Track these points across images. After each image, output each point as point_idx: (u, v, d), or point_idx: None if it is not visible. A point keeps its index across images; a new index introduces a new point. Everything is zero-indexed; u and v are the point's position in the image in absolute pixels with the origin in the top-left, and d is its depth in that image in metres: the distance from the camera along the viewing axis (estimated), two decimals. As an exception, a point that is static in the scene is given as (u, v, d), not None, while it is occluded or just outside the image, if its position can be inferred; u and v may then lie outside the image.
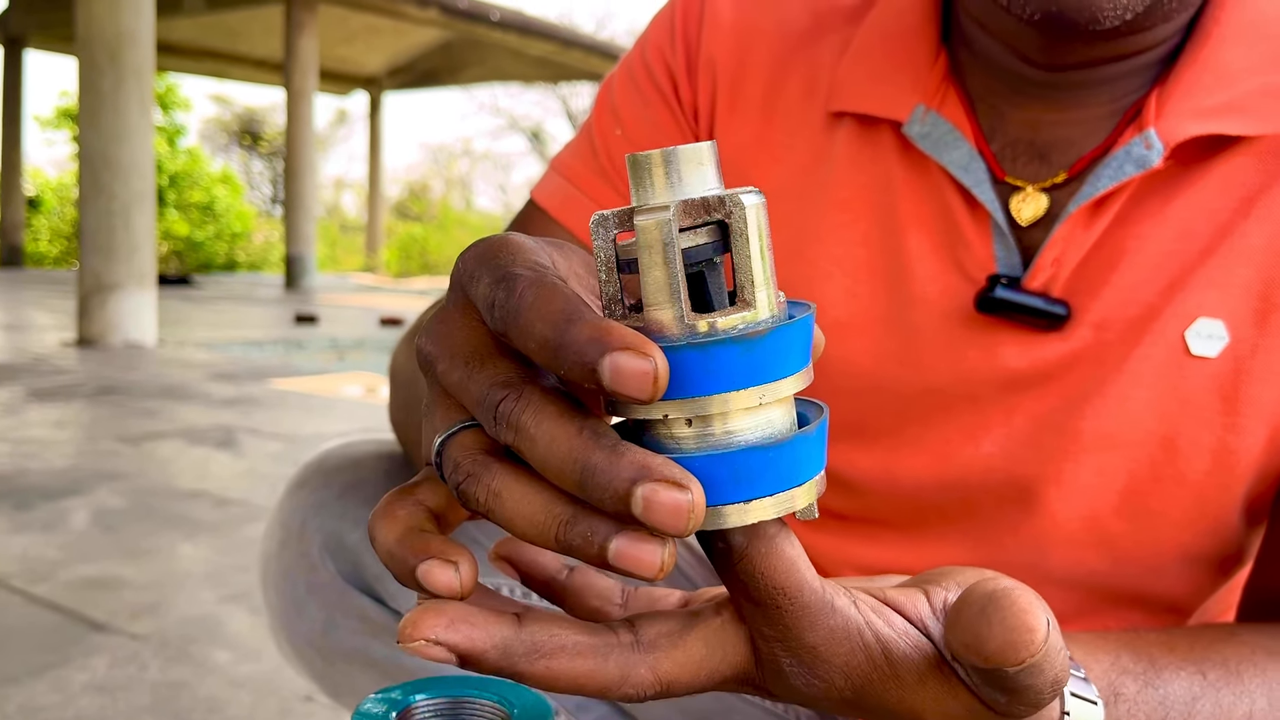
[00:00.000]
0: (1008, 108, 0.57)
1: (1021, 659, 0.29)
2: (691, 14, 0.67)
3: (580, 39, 14.99)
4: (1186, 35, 0.55)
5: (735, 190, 0.28)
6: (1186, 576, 0.61)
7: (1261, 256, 0.53)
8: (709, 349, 0.28)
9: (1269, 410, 0.54)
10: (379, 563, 0.66)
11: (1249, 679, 0.47)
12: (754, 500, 0.29)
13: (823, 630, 0.31)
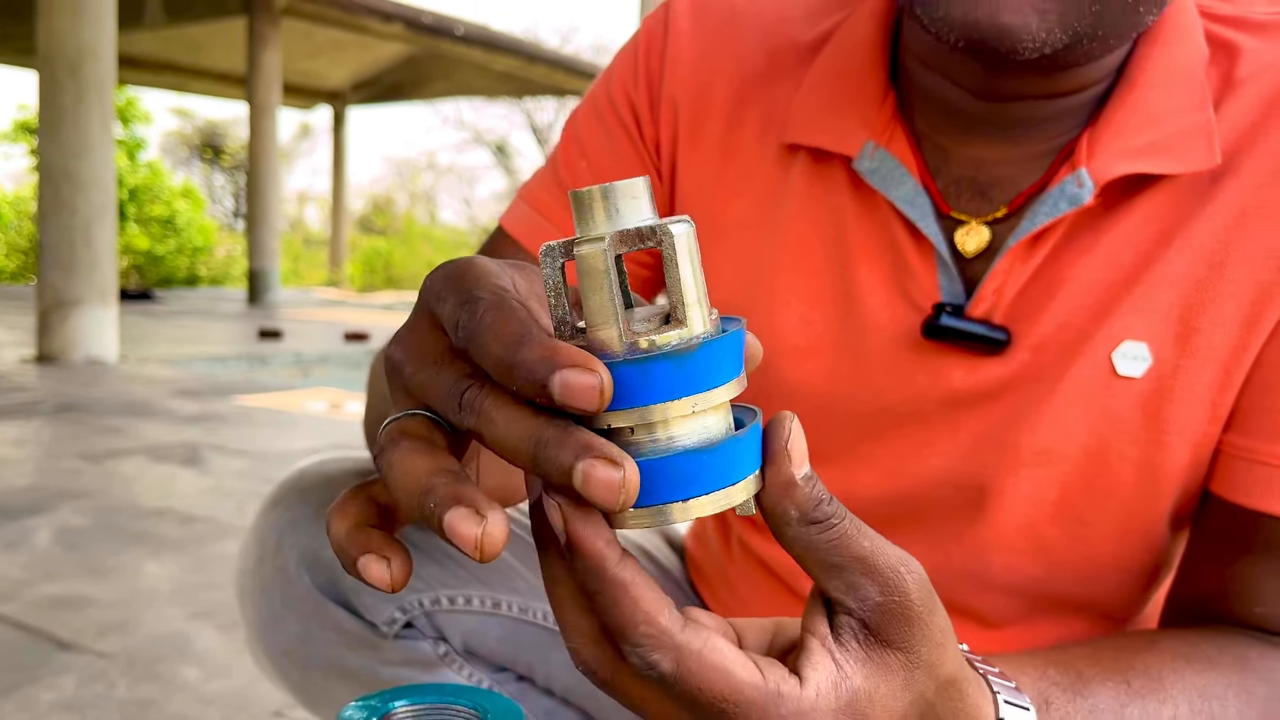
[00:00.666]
0: (952, 146, 0.61)
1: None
2: (654, 53, 0.70)
3: (545, 54, 15.04)
4: (1116, 79, 0.59)
5: (666, 220, 0.31)
6: (1119, 583, 0.65)
7: (1182, 284, 0.57)
8: (646, 364, 0.31)
9: (1190, 427, 0.58)
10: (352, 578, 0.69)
11: (1170, 685, 0.51)
12: (694, 498, 0.33)
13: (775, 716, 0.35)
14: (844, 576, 0.36)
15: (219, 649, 1.68)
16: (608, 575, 0.33)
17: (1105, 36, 0.53)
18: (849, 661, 0.36)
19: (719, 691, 0.35)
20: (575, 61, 15.89)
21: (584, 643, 0.36)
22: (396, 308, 13.54)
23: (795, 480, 0.34)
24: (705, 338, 0.32)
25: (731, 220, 0.66)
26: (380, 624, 0.69)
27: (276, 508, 0.72)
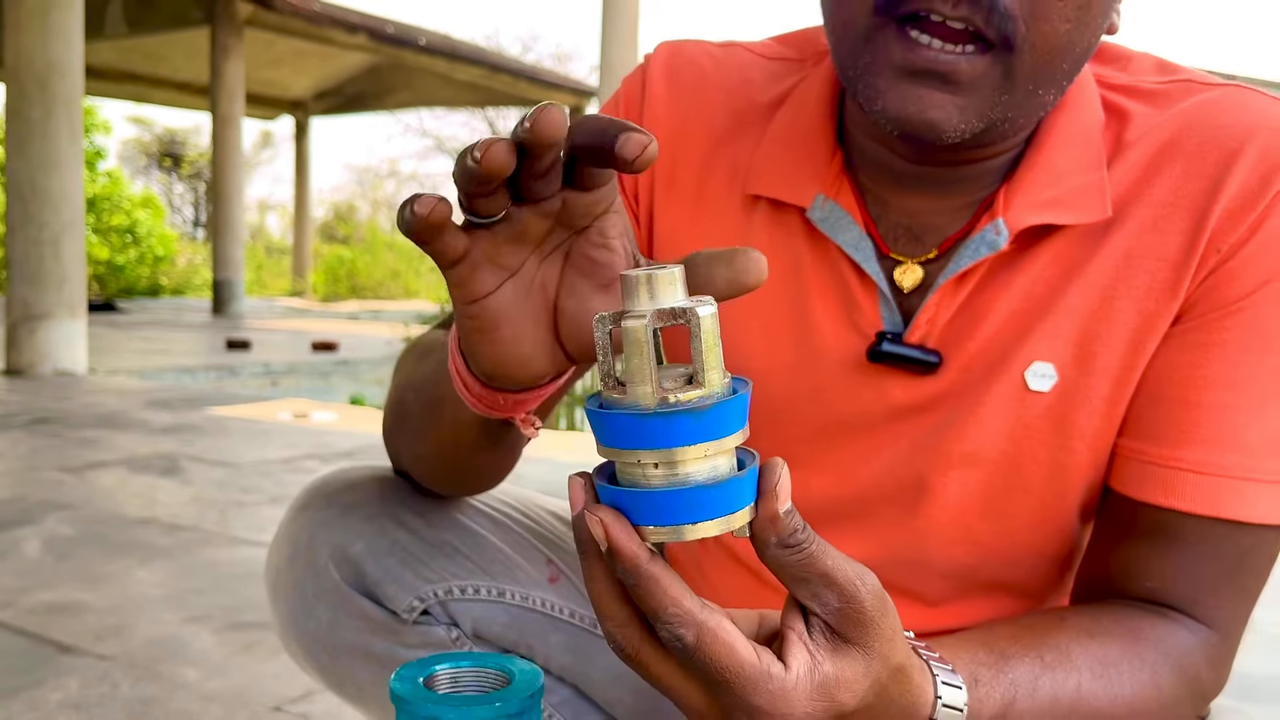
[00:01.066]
0: (890, 198, 0.72)
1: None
2: (633, 112, 0.80)
3: (508, 64, 15.12)
4: (1026, 143, 0.70)
5: (695, 302, 0.41)
6: (1037, 567, 0.76)
7: (1080, 315, 0.69)
8: (671, 416, 0.41)
9: (1090, 433, 0.70)
10: (378, 570, 0.79)
11: (1076, 657, 0.62)
12: (701, 522, 0.43)
13: (763, 694, 0.45)
14: (810, 588, 0.46)
15: (215, 650, 1.76)
16: (642, 570, 0.43)
17: (1014, 120, 0.64)
18: (819, 653, 0.47)
19: (726, 663, 0.45)
20: (538, 71, 15.99)
21: (619, 626, 0.46)
22: (361, 317, 13.55)
23: (779, 515, 0.44)
24: (718, 399, 0.41)
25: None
26: (401, 612, 0.79)
27: (306, 511, 0.82)
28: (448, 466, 0.73)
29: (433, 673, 0.56)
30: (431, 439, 0.69)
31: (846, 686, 0.47)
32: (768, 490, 0.44)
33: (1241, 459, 0.65)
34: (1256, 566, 0.68)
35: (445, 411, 0.64)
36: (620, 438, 0.43)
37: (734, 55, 0.81)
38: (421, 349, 0.74)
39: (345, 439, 3.95)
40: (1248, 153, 0.66)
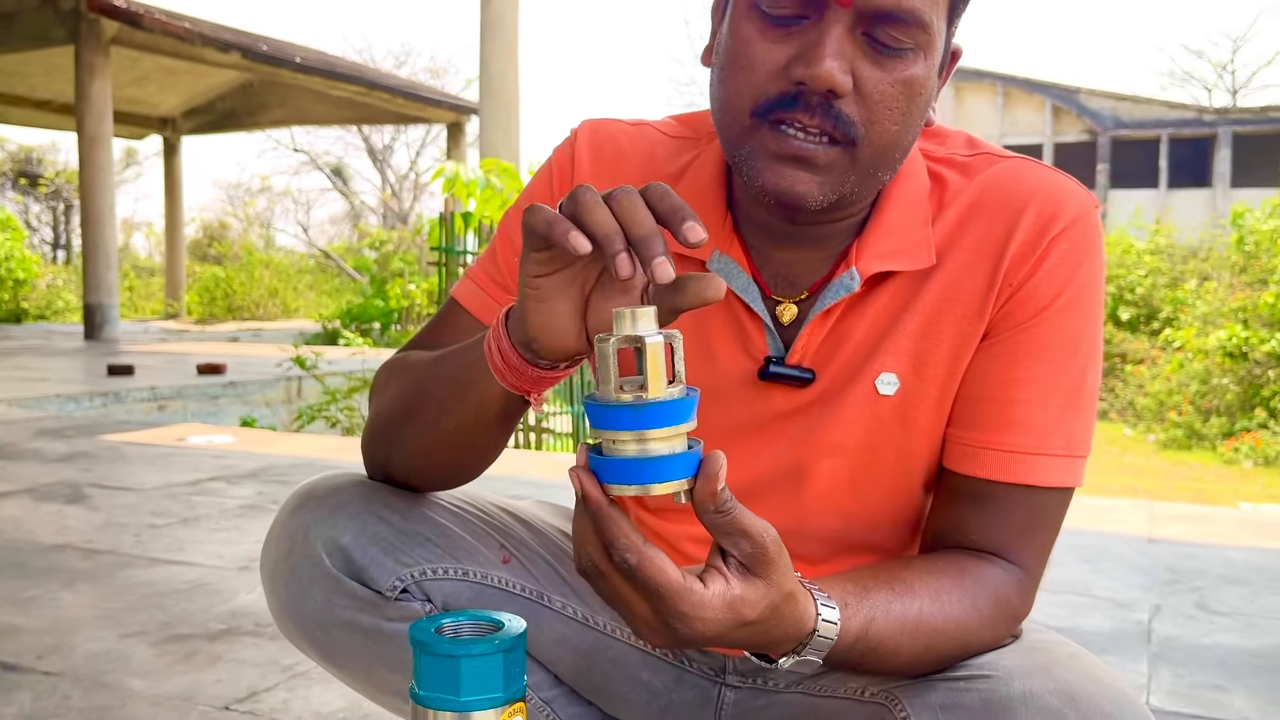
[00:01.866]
0: (769, 252, 0.92)
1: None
2: (564, 176, 0.99)
3: (385, 81, 15.05)
4: (871, 208, 0.92)
5: (647, 333, 0.61)
6: (893, 532, 0.98)
7: (915, 336, 0.90)
8: (621, 407, 0.62)
9: (925, 426, 0.91)
10: (364, 557, 0.95)
11: (918, 588, 0.83)
12: (656, 483, 0.63)
13: (686, 603, 0.65)
14: (731, 539, 0.66)
15: (157, 661, 1.87)
16: (603, 511, 0.63)
17: (860, 193, 0.85)
18: (732, 579, 0.67)
19: (659, 580, 0.65)
20: (417, 87, 15.95)
21: (589, 552, 0.66)
22: (242, 337, 13.31)
23: (717, 490, 0.64)
24: (651, 400, 0.62)
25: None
26: (385, 591, 0.96)
27: (300, 511, 0.98)
28: (455, 450, 0.90)
29: (440, 624, 0.74)
30: (451, 420, 0.86)
31: (749, 604, 0.68)
32: (710, 473, 0.64)
33: (1033, 440, 0.88)
34: (1050, 519, 0.91)
35: (471, 394, 0.83)
36: (592, 420, 0.65)
37: (644, 133, 1.01)
38: (428, 358, 0.91)
39: (247, 460, 4.01)
40: (1028, 212, 0.88)
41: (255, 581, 2.39)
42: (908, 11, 0.78)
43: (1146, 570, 2.61)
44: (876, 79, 0.80)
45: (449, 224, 5.93)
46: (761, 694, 1.04)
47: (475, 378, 0.82)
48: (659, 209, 0.67)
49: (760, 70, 0.82)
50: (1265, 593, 2.44)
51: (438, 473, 0.96)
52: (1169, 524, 3.13)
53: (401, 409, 0.93)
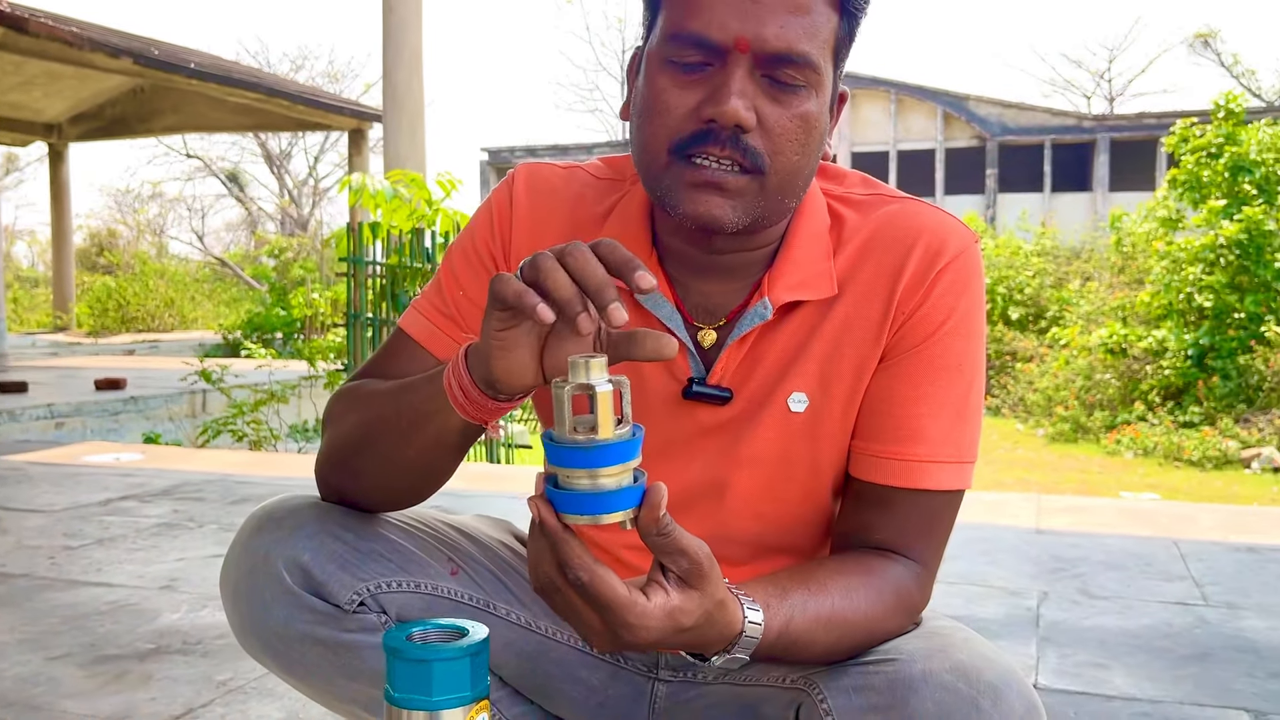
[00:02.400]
0: (691, 283, 1.03)
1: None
2: (503, 216, 1.08)
3: (285, 88, 14.80)
4: (780, 242, 1.03)
5: (599, 381, 0.70)
6: (806, 534, 1.08)
7: (821, 359, 1.01)
8: (575, 448, 0.71)
9: (832, 439, 1.02)
10: (322, 574, 1.02)
11: (830, 586, 0.94)
12: (606, 514, 0.72)
13: (632, 614, 0.75)
14: (671, 556, 0.76)
15: (88, 683, 1.89)
16: (560, 535, 0.72)
17: (770, 217, 0.96)
18: (671, 591, 0.77)
19: (608, 595, 0.74)
20: (318, 94, 15.72)
21: (546, 571, 0.75)
22: (139, 350, 12.95)
23: (658, 516, 0.74)
24: (610, 440, 0.71)
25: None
26: (343, 605, 1.03)
27: (260, 533, 1.04)
28: (414, 475, 0.98)
29: (410, 632, 0.82)
30: (413, 448, 0.94)
31: (687, 613, 0.78)
32: (653, 503, 0.74)
33: (928, 449, 1.00)
34: (944, 519, 1.03)
35: (431, 425, 0.91)
36: (549, 457, 0.74)
37: (575, 175, 1.10)
38: (396, 385, 0.98)
39: (158, 478, 3.97)
40: (917, 248, 1.00)
41: (180, 600, 2.41)
42: (799, 54, 0.89)
43: (1035, 560, 2.80)
44: (777, 114, 0.91)
45: (357, 234, 5.91)
46: (691, 686, 1.14)
47: (434, 410, 0.90)
48: (610, 260, 0.76)
49: (675, 113, 0.92)
50: (1140, 577, 2.64)
51: (395, 495, 1.04)
52: (1055, 516, 3.34)
53: (360, 437, 1.01)
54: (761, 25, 0.89)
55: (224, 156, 32.97)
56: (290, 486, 3.91)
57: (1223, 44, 36.15)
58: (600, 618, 0.77)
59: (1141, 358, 10.29)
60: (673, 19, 0.92)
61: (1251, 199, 10.24)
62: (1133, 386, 10.26)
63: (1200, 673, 1.97)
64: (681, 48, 0.91)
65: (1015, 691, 0.86)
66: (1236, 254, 9.91)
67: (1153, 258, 11.02)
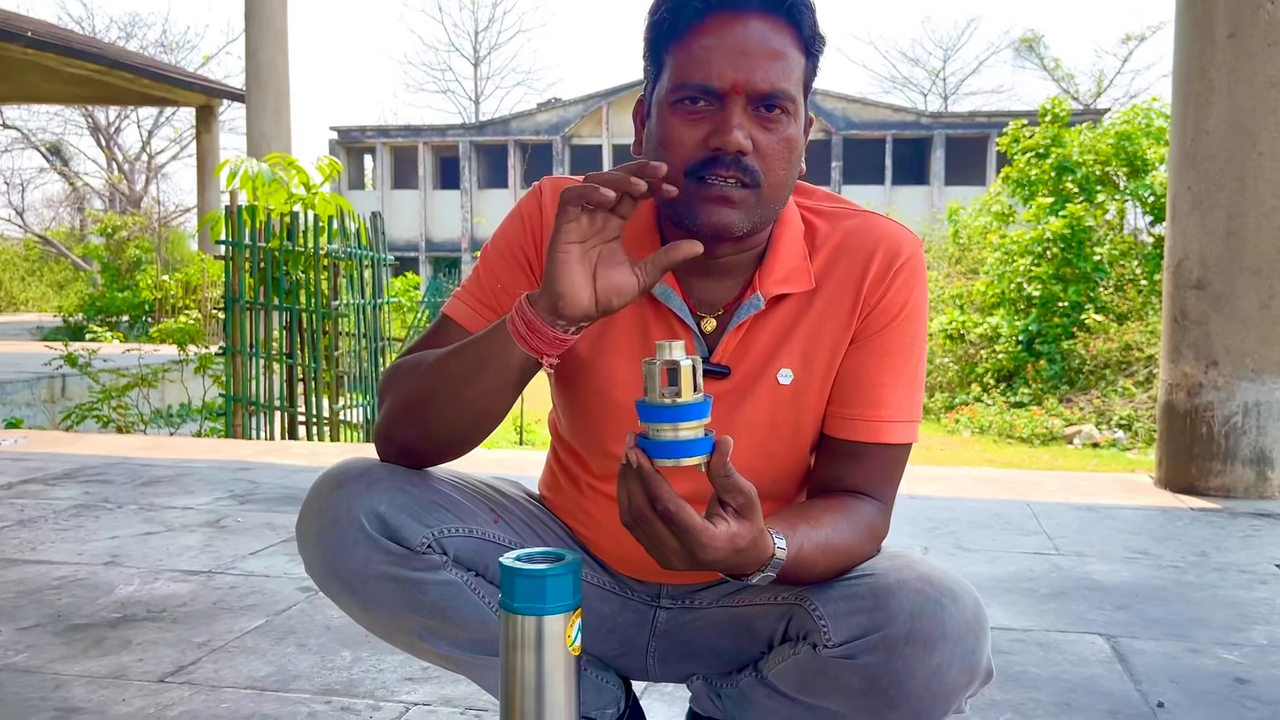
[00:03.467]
0: (694, 281, 1.25)
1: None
2: (534, 220, 1.28)
3: (129, 60, 14.19)
4: (767, 245, 1.27)
5: (682, 358, 0.93)
6: (789, 484, 1.33)
7: (803, 341, 1.26)
8: (663, 407, 0.95)
9: (812, 406, 1.27)
10: (396, 521, 1.21)
11: (823, 520, 1.19)
12: (688, 458, 0.96)
13: (705, 537, 0.98)
14: (731, 493, 1.00)
15: (70, 649, 1.98)
16: (652, 475, 0.95)
17: (764, 221, 1.19)
18: (731, 522, 1.00)
19: (688, 523, 0.97)
20: (165, 68, 15.12)
21: (637, 507, 0.97)
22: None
23: (725, 461, 0.97)
24: (685, 403, 0.94)
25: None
26: (415, 547, 1.22)
27: (341, 489, 1.21)
28: (474, 415, 1.18)
29: (520, 558, 1.03)
30: (474, 389, 1.14)
31: (741, 538, 1.02)
32: (723, 451, 0.97)
33: (888, 412, 1.26)
34: (899, 466, 1.29)
35: (492, 365, 1.11)
36: (642, 416, 0.96)
37: (590, 187, 1.32)
38: (444, 351, 1.17)
39: (54, 462, 3.95)
40: (879, 253, 1.26)
41: (129, 574, 2.50)
42: (781, 91, 1.14)
43: (913, 520, 3.16)
44: (767, 140, 1.16)
45: (236, 218, 5.89)
46: (688, 611, 1.38)
47: (496, 350, 1.10)
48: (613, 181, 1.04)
49: (687, 144, 1.15)
50: (1002, 533, 3.03)
51: (458, 435, 1.22)
52: (925, 483, 3.73)
53: (427, 390, 1.19)
54: (751, 72, 1.13)
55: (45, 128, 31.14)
56: (194, 467, 3.96)
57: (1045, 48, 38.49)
58: (680, 542, 1.00)
59: (977, 343, 11.07)
60: (679, 73, 1.15)
61: (1074, 197, 11.14)
62: (970, 370, 11.04)
63: (1059, 607, 2.33)
64: (689, 94, 1.14)
65: (967, 592, 1.14)
66: (1061, 247, 10.77)
67: (987, 250, 11.84)
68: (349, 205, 6.36)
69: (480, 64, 37.68)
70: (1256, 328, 3.42)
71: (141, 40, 31.43)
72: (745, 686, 1.31)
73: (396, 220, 28.54)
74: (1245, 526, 3.12)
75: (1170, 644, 2.09)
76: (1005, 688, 1.84)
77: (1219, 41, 3.41)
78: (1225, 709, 1.76)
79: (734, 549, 1.02)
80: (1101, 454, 8.41)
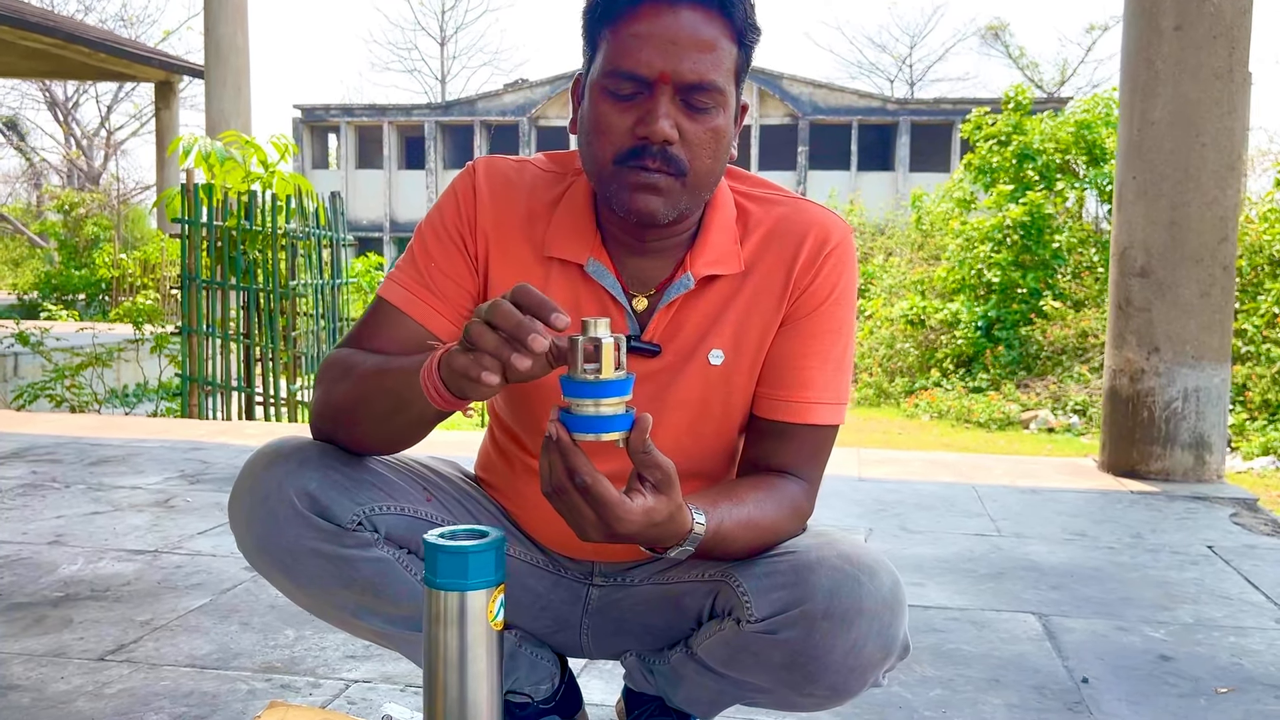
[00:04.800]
0: (627, 260, 1.27)
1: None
2: (468, 201, 1.29)
3: (86, 34, 13.95)
4: (698, 227, 1.29)
5: (604, 335, 0.95)
6: (717, 463, 1.36)
7: (734, 322, 1.28)
8: (584, 383, 0.96)
9: (742, 387, 1.30)
10: (326, 498, 1.22)
11: (746, 497, 1.22)
12: (607, 433, 0.98)
13: (620, 510, 1.00)
14: (649, 469, 1.02)
15: (10, 628, 1.98)
16: (570, 448, 0.97)
17: (692, 208, 1.22)
18: (648, 496, 1.03)
19: (605, 496, 0.99)
20: (124, 43, 14.87)
21: (558, 477, 0.99)
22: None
23: (644, 437, 0.99)
24: (605, 380, 0.96)
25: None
26: (345, 525, 1.23)
27: (272, 467, 1.22)
28: (395, 441, 1.20)
29: (443, 535, 1.05)
30: (395, 423, 1.15)
31: (658, 512, 1.04)
32: (642, 427, 0.99)
33: (815, 393, 1.28)
34: (826, 446, 1.32)
35: (413, 407, 1.10)
36: (565, 391, 0.98)
37: (525, 168, 1.33)
38: (382, 365, 1.17)
39: (4, 440, 3.91)
40: (809, 238, 1.28)
41: (74, 554, 2.49)
42: (709, 83, 1.16)
43: (860, 503, 3.21)
44: (694, 130, 1.17)
45: (192, 196, 5.82)
46: (620, 589, 1.40)
47: (414, 398, 1.09)
48: (527, 304, 0.96)
49: (616, 131, 1.17)
50: (947, 515, 3.08)
51: (379, 450, 1.25)
52: (874, 466, 3.78)
53: (350, 408, 1.20)
54: (679, 62, 1.14)
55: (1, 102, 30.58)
56: (145, 447, 3.93)
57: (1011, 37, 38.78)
58: (596, 514, 1.02)
59: (938, 328, 11.18)
60: (610, 58, 1.16)
61: (1034, 184, 11.26)
62: (929, 355, 11.15)
63: (996, 586, 2.38)
64: (618, 81, 1.16)
65: (885, 570, 1.17)
66: (1020, 234, 10.89)
67: (949, 236, 11.95)
68: (308, 184, 6.31)
69: (447, 43, 37.42)
70: (1197, 315, 3.50)
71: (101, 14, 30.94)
72: (676, 662, 1.34)
73: (361, 200, 28.32)
74: (1181, 509, 3.20)
75: (1099, 622, 2.14)
76: (936, 664, 1.88)
77: (1165, 33, 3.47)
78: (1148, 684, 1.82)
79: (650, 522, 1.04)
80: (1056, 439, 8.54)
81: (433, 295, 1.27)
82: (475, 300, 1.30)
